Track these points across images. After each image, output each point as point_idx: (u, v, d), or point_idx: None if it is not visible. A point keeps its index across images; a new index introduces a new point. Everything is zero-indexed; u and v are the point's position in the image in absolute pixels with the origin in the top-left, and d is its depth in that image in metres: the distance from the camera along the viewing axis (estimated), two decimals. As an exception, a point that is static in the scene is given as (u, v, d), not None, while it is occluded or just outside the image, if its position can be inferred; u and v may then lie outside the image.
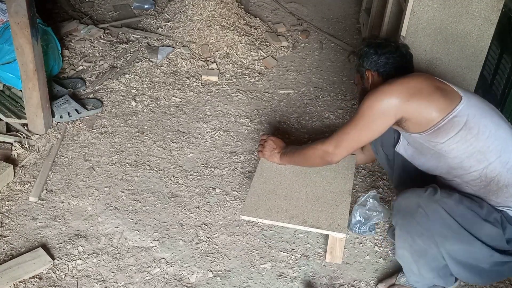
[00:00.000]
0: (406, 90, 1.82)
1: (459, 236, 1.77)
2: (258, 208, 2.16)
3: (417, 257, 1.87)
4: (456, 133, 1.78)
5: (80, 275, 2.09)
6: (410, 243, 1.86)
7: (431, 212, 1.77)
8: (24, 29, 2.50)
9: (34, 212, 2.36)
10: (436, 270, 1.89)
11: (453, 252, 1.80)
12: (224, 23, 3.76)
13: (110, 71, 3.39)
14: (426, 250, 1.83)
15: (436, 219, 1.77)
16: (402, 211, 1.85)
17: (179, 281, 2.09)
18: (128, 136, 2.87)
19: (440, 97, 1.80)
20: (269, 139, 2.41)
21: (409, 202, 1.83)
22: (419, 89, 1.82)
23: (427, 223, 1.78)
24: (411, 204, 1.81)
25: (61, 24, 3.75)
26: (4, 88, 2.97)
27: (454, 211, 1.76)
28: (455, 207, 1.77)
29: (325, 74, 3.55)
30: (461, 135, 1.78)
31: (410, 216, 1.82)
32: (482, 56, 2.69)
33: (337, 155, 2.02)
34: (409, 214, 1.82)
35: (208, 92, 3.28)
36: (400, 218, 1.87)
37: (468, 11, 2.57)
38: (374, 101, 1.85)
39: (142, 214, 2.39)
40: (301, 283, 2.12)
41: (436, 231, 1.78)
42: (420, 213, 1.78)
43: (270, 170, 2.36)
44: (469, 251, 1.79)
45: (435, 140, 1.83)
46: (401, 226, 1.88)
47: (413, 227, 1.82)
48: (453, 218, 1.76)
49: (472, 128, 1.77)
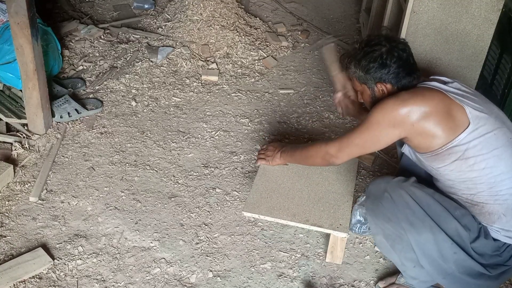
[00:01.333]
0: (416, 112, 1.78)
1: (423, 224, 1.79)
2: (260, 205, 2.16)
3: (392, 242, 1.90)
4: (452, 161, 1.79)
5: (80, 275, 2.09)
6: (382, 227, 1.90)
7: (397, 197, 1.82)
8: (24, 29, 2.50)
9: (34, 212, 2.36)
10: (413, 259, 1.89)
11: (421, 241, 1.82)
12: (224, 23, 3.76)
13: (110, 71, 3.39)
14: (397, 236, 1.86)
15: (401, 204, 1.81)
16: (372, 196, 1.92)
17: (179, 281, 2.09)
18: (128, 136, 2.87)
19: (446, 124, 1.78)
20: (267, 146, 2.43)
21: (378, 187, 1.90)
22: (429, 114, 1.78)
23: (392, 207, 1.83)
24: (379, 189, 1.88)
25: (61, 24, 3.75)
26: (4, 88, 2.97)
27: (421, 200, 1.80)
28: (422, 197, 1.81)
29: (325, 74, 3.54)
30: (457, 164, 1.79)
31: (377, 200, 1.88)
32: (482, 56, 2.69)
33: (339, 158, 2.01)
34: (376, 199, 1.88)
35: (208, 92, 3.28)
36: (370, 203, 1.93)
37: (468, 11, 2.57)
38: (383, 117, 1.83)
39: (142, 214, 2.39)
40: (301, 283, 2.12)
41: (401, 216, 1.81)
42: (386, 198, 1.84)
43: (272, 169, 2.37)
44: (434, 242, 1.80)
45: (431, 163, 1.86)
46: (370, 211, 1.94)
47: (380, 211, 1.87)
48: (419, 205, 1.79)
49: (468, 159, 1.77)
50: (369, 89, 1.99)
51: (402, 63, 1.91)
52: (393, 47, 1.93)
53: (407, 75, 1.92)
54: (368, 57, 1.94)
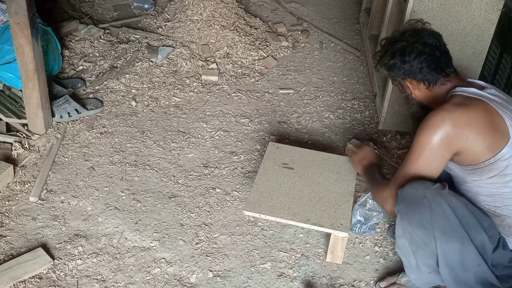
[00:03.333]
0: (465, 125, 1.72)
1: (456, 234, 1.75)
2: (261, 204, 2.17)
3: (415, 247, 1.84)
4: (490, 177, 1.76)
5: (80, 275, 2.09)
6: (410, 231, 1.82)
7: (436, 205, 1.75)
8: (24, 29, 2.50)
9: (34, 212, 2.36)
10: (432, 266, 1.86)
11: (447, 250, 1.78)
12: (224, 23, 3.76)
13: (110, 71, 3.39)
14: (424, 243, 1.81)
15: (439, 213, 1.75)
16: (408, 200, 1.81)
17: (179, 281, 2.09)
18: (128, 136, 2.87)
19: (493, 136, 1.72)
20: (367, 148, 2.28)
21: (416, 192, 1.79)
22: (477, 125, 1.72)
23: (429, 215, 1.75)
24: (418, 194, 1.78)
25: (61, 24, 3.75)
26: (4, 88, 2.96)
27: (457, 210, 1.75)
28: (459, 207, 1.75)
29: (325, 74, 3.55)
30: (494, 180, 1.75)
31: (414, 206, 1.78)
32: (482, 56, 2.69)
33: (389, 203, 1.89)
34: (413, 204, 1.78)
35: (208, 92, 3.28)
36: (404, 207, 1.82)
37: (468, 11, 2.57)
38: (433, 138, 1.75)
39: (142, 214, 2.39)
40: (301, 283, 2.12)
41: (436, 224, 1.76)
42: (425, 204, 1.76)
43: (273, 169, 2.37)
44: (461, 252, 1.76)
45: (467, 175, 1.82)
46: (403, 214, 1.84)
47: (415, 217, 1.79)
48: (456, 215, 1.74)
49: (506, 175, 1.73)
50: (400, 85, 1.96)
51: (424, 57, 1.84)
52: (415, 42, 1.86)
53: (432, 71, 1.85)
54: (388, 54, 1.90)
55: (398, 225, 1.88)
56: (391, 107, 2.90)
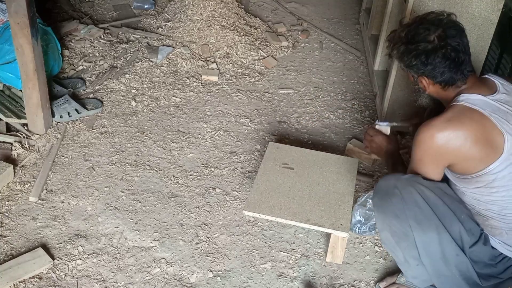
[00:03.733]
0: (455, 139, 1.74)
1: (430, 223, 1.78)
2: (261, 204, 2.17)
3: (397, 238, 1.87)
4: (476, 187, 1.79)
5: (80, 275, 2.09)
6: (388, 223, 1.87)
7: (406, 194, 1.79)
8: (24, 29, 2.50)
9: (34, 212, 2.36)
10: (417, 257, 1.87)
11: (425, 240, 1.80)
12: (224, 23, 3.76)
13: (110, 71, 3.39)
14: (404, 234, 1.84)
15: (411, 202, 1.79)
16: (380, 192, 1.89)
17: (179, 281, 2.09)
18: (128, 136, 2.87)
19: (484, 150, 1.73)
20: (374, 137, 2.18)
21: (387, 183, 1.87)
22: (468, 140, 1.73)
23: (401, 204, 1.80)
24: (389, 185, 1.85)
25: (61, 24, 3.74)
26: (4, 88, 2.96)
27: (430, 200, 1.78)
28: (431, 197, 1.79)
29: (325, 74, 3.55)
30: (480, 190, 1.79)
31: (386, 197, 1.85)
32: (482, 56, 2.69)
33: None
34: (385, 195, 1.85)
35: (208, 92, 3.28)
36: (378, 199, 1.90)
37: (468, 11, 2.57)
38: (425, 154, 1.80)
39: (142, 214, 2.39)
40: (301, 283, 2.12)
41: (409, 214, 1.79)
42: (396, 194, 1.81)
43: (273, 169, 2.37)
44: (439, 242, 1.79)
45: (455, 181, 1.86)
46: (378, 206, 1.91)
47: (388, 208, 1.84)
48: (428, 204, 1.78)
49: (492, 188, 1.76)
50: (412, 77, 1.94)
51: (448, 62, 1.79)
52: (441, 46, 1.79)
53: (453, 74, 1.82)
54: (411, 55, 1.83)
55: (376, 218, 1.94)
56: (391, 107, 2.90)
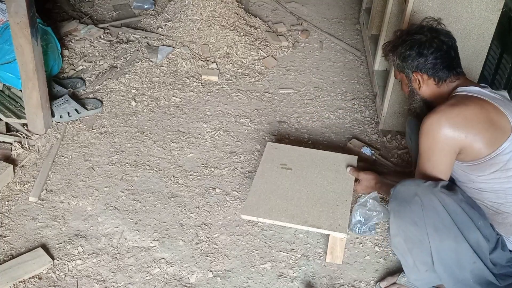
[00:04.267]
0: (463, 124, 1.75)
1: (449, 232, 1.76)
2: (259, 207, 2.16)
3: (411, 244, 1.86)
4: (492, 172, 1.77)
5: (80, 275, 2.09)
6: (404, 229, 1.85)
7: (427, 202, 1.78)
8: (24, 29, 2.50)
9: (34, 212, 2.36)
10: (428, 263, 1.86)
11: (441, 248, 1.79)
12: (224, 23, 3.76)
13: (110, 71, 3.39)
14: (419, 240, 1.83)
15: (431, 210, 1.77)
16: (399, 198, 1.86)
17: (179, 281, 2.09)
18: (128, 136, 2.87)
19: (492, 131, 1.75)
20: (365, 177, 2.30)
21: (407, 190, 1.84)
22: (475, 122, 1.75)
23: (421, 212, 1.78)
24: (409, 191, 1.82)
25: (61, 24, 3.74)
26: (4, 88, 2.96)
27: (450, 207, 1.77)
28: (451, 204, 1.77)
29: (325, 74, 3.55)
30: (496, 175, 1.77)
31: (406, 203, 1.82)
32: (482, 56, 2.69)
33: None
34: (405, 201, 1.83)
35: (208, 92, 3.27)
36: (396, 205, 1.87)
37: (468, 11, 2.57)
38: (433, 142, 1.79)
39: (142, 214, 2.39)
40: (301, 283, 2.12)
41: (428, 221, 1.78)
42: (416, 202, 1.79)
43: (271, 170, 2.37)
44: (456, 251, 1.77)
45: (470, 172, 1.83)
46: (396, 212, 1.88)
47: (407, 214, 1.82)
48: (448, 212, 1.76)
49: (509, 170, 1.75)
50: (407, 77, 1.98)
51: (441, 54, 1.88)
52: (434, 37, 1.90)
53: (445, 68, 1.89)
54: (406, 44, 1.93)
55: (392, 223, 1.91)
56: (391, 107, 2.90)
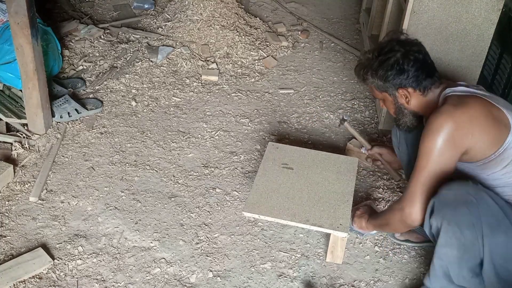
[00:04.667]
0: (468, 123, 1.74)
1: (501, 226, 1.73)
2: (260, 205, 2.16)
3: (463, 251, 1.78)
4: (503, 167, 1.76)
5: (80, 275, 2.09)
6: (459, 236, 1.76)
7: (480, 200, 1.74)
8: (24, 29, 2.50)
9: (34, 212, 2.36)
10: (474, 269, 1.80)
11: (494, 245, 1.74)
12: (224, 23, 3.76)
13: (110, 71, 3.39)
14: (472, 243, 1.76)
15: (485, 207, 1.73)
16: (452, 203, 1.75)
17: (179, 281, 2.09)
18: (128, 136, 2.87)
19: (496, 128, 1.74)
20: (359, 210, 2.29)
21: (459, 193, 1.76)
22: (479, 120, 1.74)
23: (477, 211, 1.73)
24: (461, 194, 1.75)
25: (61, 24, 3.75)
26: (4, 88, 2.96)
27: (498, 201, 1.76)
28: (497, 198, 1.77)
29: (325, 74, 3.55)
30: (508, 169, 1.76)
31: (462, 206, 1.74)
32: (482, 56, 2.69)
33: (414, 212, 1.85)
34: (461, 204, 1.74)
35: (208, 92, 3.28)
36: (450, 210, 1.75)
37: (468, 11, 2.57)
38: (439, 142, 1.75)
39: (142, 214, 2.39)
40: (301, 283, 2.12)
41: (485, 219, 1.73)
42: (471, 202, 1.73)
43: (272, 169, 2.37)
44: (505, 245, 1.73)
45: (482, 172, 1.82)
46: (450, 218, 1.76)
47: (465, 217, 1.74)
48: (498, 206, 1.74)
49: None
50: (391, 96, 1.96)
51: (420, 65, 1.88)
52: (408, 51, 1.89)
53: (427, 77, 1.90)
54: (384, 65, 1.90)
55: (445, 233, 1.78)
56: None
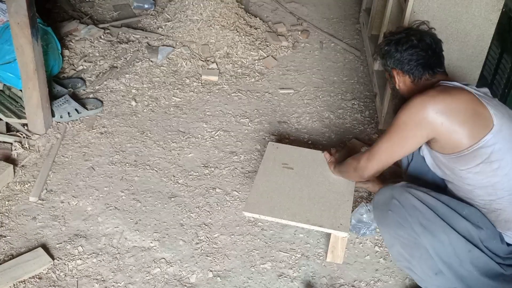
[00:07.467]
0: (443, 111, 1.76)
1: (435, 225, 1.76)
2: (261, 205, 2.16)
3: (410, 249, 1.84)
4: (477, 164, 1.76)
5: (80, 275, 2.09)
6: (395, 236, 1.85)
7: (404, 201, 1.80)
8: (24, 29, 2.50)
9: (34, 212, 2.36)
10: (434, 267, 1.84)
11: (435, 243, 1.78)
12: (224, 23, 3.76)
13: (110, 71, 3.39)
14: (415, 243, 1.81)
15: (410, 208, 1.78)
16: (379, 207, 1.89)
17: (179, 281, 2.09)
18: (128, 136, 2.87)
19: (473, 123, 1.75)
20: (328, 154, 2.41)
21: (383, 196, 1.87)
22: (457, 112, 1.76)
23: (402, 212, 1.80)
24: (385, 197, 1.86)
25: (61, 24, 3.75)
26: (4, 88, 2.96)
27: (428, 202, 1.78)
28: (428, 199, 1.79)
29: (325, 74, 3.55)
30: (481, 167, 1.76)
31: (386, 208, 1.84)
32: (482, 56, 2.69)
33: (368, 168, 1.98)
34: (385, 207, 1.85)
35: (208, 92, 3.28)
36: (378, 213, 1.89)
37: (468, 11, 2.57)
38: (410, 117, 1.80)
39: (142, 214, 2.39)
40: (301, 283, 2.12)
41: (412, 220, 1.78)
42: (394, 204, 1.81)
43: (273, 169, 2.37)
44: (449, 243, 1.76)
45: (454, 165, 1.82)
46: (380, 221, 1.90)
47: (391, 220, 1.84)
48: (428, 207, 1.77)
49: (493, 162, 1.74)
50: (389, 75, 2.03)
51: (415, 51, 1.92)
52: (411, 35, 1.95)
53: (419, 65, 1.92)
54: (386, 42, 2.01)
55: (383, 234, 1.92)
56: (391, 107, 2.90)
